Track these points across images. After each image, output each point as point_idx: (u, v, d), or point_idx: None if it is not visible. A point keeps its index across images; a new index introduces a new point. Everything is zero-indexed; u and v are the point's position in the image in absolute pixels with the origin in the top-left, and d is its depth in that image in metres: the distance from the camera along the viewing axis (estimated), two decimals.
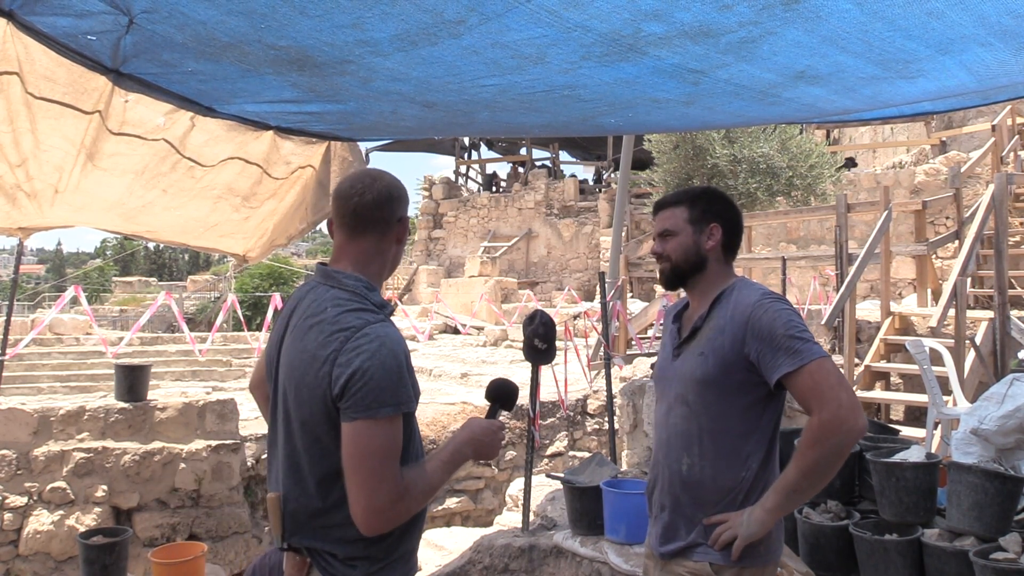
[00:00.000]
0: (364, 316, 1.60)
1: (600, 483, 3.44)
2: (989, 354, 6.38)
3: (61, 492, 5.88)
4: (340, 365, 1.54)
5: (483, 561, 3.80)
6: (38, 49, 2.33)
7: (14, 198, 3.05)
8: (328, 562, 1.63)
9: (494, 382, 1.90)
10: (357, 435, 1.53)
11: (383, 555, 1.64)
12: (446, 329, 16.08)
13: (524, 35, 2.26)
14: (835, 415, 1.71)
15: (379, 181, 1.73)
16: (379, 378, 1.53)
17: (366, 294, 1.65)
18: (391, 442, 1.55)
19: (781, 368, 1.77)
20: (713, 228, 1.99)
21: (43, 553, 5.83)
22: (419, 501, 1.60)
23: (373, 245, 1.72)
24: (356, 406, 1.52)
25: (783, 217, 11.39)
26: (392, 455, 1.55)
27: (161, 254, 56.62)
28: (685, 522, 1.91)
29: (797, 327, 1.79)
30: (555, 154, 25.73)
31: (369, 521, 1.54)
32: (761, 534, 1.80)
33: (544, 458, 7.96)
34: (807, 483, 1.77)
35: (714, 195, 2.07)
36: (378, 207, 1.70)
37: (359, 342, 1.55)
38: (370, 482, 1.52)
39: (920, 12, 2.16)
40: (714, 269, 2.00)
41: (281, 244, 4.41)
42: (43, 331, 15.17)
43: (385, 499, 1.53)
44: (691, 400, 1.91)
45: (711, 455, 1.88)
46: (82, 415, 6.07)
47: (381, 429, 1.53)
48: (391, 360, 1.55)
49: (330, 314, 1.61)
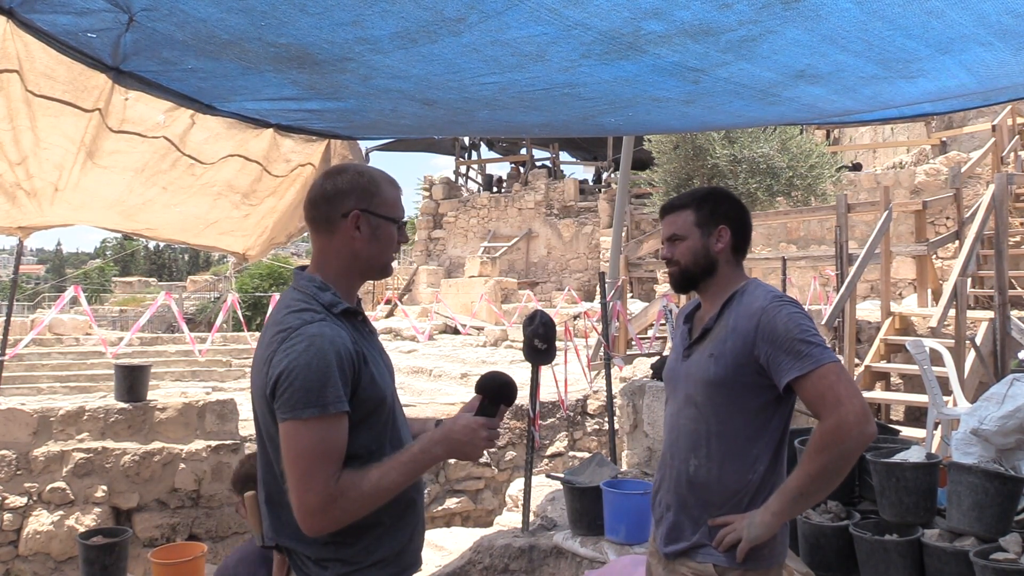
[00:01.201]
0: (303, 316, 1.57)
1: (600, 483, 3.44)
2: (989, 354, 6.38)
3: (61, 492, 5.88)
4: (274, 365, 1.53)
5: (483, 561, 3.79)
6: (38, 47, 2.33)
7: (14, 196, 3.06)
8: (303, 562, 1.62)
9: (485, 375, 1.74)
10: (287, 436, 1.52)
11: (357, 558, 1.61)
12: (446, 329, 16.08)
13: (524, 33, 2.26)
14: (843, 421, 1.69)
15: (329, 179, 1.70)
16: (304, 379, 1.50)
17: (315, 294, 1.63)
18: (320, 443, 1.50)
19: (790, 372, 1.76)
20: (722, 230, 1.98)
21: (43, 553, 5.83)
22: (359, 505, 1.54)
23: (323, 243, 1.70)
24: (284, 407, 1.51)
25: (783, 217, 11.38)
26: (322, 457, 1.50)
27: (161, 254, 56.64)
28: (690, 522, 1.91)
29: (808, 331, 1.78)
30: (555, 154, 25.74)
31: (304, 521, 1.52)
32: (765, 537, 1.80)
33: (544, 458, 7.96)
34: (813, 488, 1.76)
35: (720, 196, 2.05)
36: (315, 205, 1.68)
37: (291, 343, 1.53)
38: (301, 483, 1.50)
39: (920, 11, 2.15)
40: (724, 271, 1.98)
41: (281, 242, 4.42)
42: (43, 331, 15.17)
43: (315, 500, 1.50)
44: (700, 401, 1.91)
45: (718, 457, 1.87)
46: (82, 415, 6.07)
47: (308, 430, 1.50)
48: (317, 360, 1.51)
49: (279, 315, 1.61)
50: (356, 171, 1.72)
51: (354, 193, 1.67)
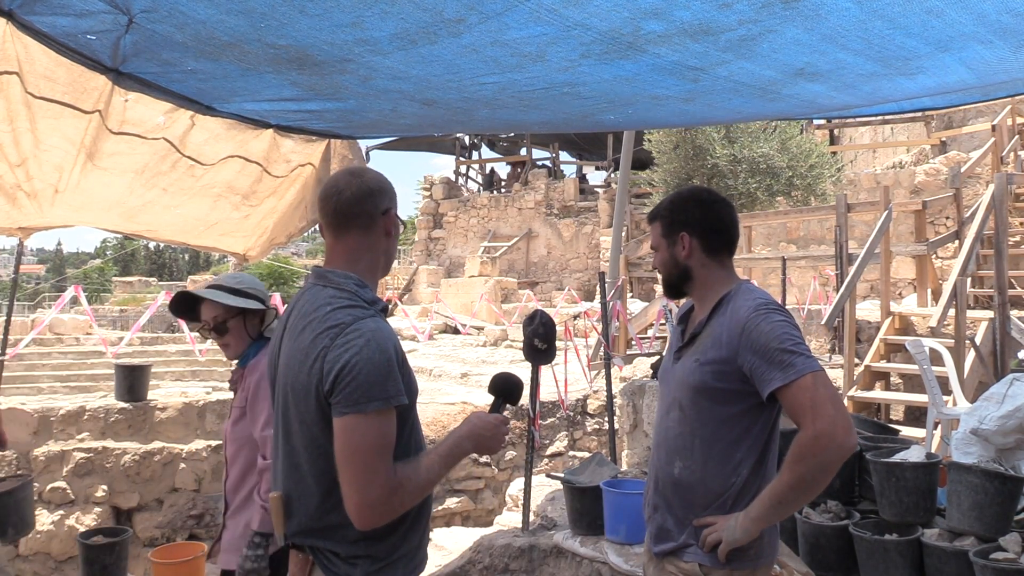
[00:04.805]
0: (354, 312, 1.61)
1: (600, 483, 3.43)
2: (989, 354, 6.38)
3: (61, 492, 5.89)
4: (330, 361, 1.55)
5: (483, 561, 3.79)
6: (38, 49, 2.33)
7: (14, 198, 3.06)
8: (330, 560, 1.64)
9: (498, 376, 1.91)
10: (347, 430, 1.53)
11: (385, 554, 1.65)
12: (446, 329, 16.07)
13: (524, 33, 2.26)
14: (822, 432, 1.69)
15: (358, 177, 1.74)
16: (367, 372, 1.53)
17: (357, 291, 1.67)
18: (382, 436, 1.55)
19: (773, 382, 1.76)
20: (682, 237, 1.97)
21: (43, 553, 5.84)
22: (414, 495, 1.60)
23: (359, 241, 1.73)
24: (345, 401, 1.53)
25: (783, 217, 11.38)
26: (383, 449, 1.55)
27: (161, 254, 56.64)
28: (677, 523, 1.92)
29: (791, 339, 1.77)
30: (555, 154, 25.74)
31: (363, 516, 1.55)
32: (745, 541, 1.80)
33: (544, 458, 7.96)
34: (793, 496, 1.76)
35: (681, 202, 2.01)
36: (358, 202, 1.71)
37: (348, 338, 1.56)
38: (362, 477, 1.53)
39: (919, 10, 2.16)
40: (703, 275, 1.97)
41: (281, 243, 4.42)
42: (43, 331, 15.17)
43: (377, 494, 1.53)
44: (685, 405, 1.92)
45: (702, 460, 1.88)
46: (82, 415, 6.07)
47: (371, 423, 1.53)
48: (379, 355, 1.56)
49: (322, 312, 1.63)
50: (375, 173, 1.78)
51: (386, 193, 1.75)
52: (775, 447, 1.93)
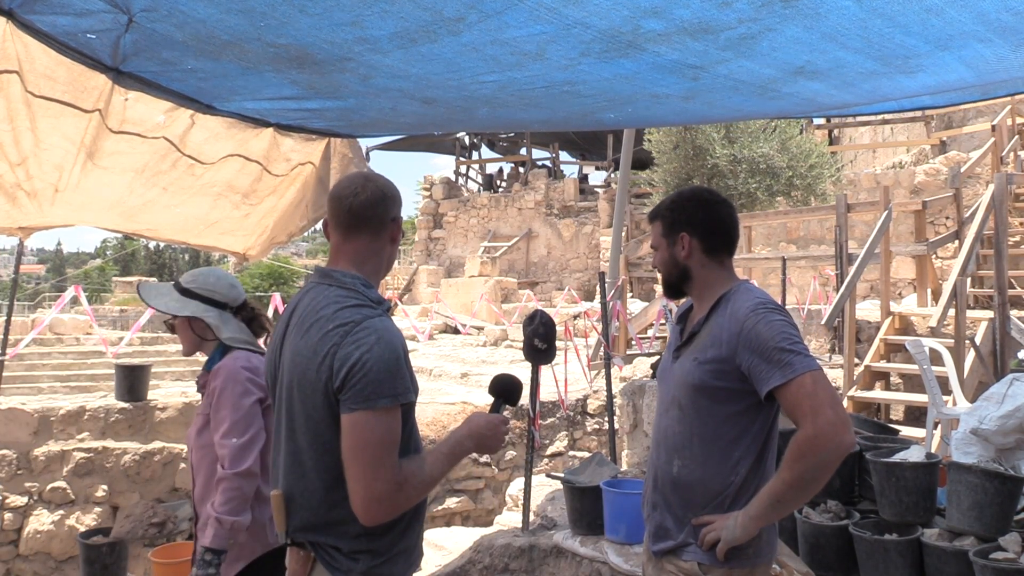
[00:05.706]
0: (362, 311, 1.64)
1: (600, 483, 3.43)
2: (989, 354, 6.38)
3: (61, 492, 5.89)
4: (340, 358, 1.58)
5: (483, 561, 3.79)
6: (38, 48, 2.33)
7: (14, 197, 3.06)
8: (332, 556, 1.66)
9: (498, 377, 1.93)
10: (356, 426, 1.56)
11: (386, 549, 1.67)
12: (446, 329, 16.07)
13: (523, 32, 2.26)
14: (820, 431, 1.69)
15: (372, 182, 1.79)
16: (377, 370, 1.56)
17: (363, 291, 1.70)
18: (389, 433, 1.58)
19: (771, 381, 1.76)
20: (682, 238, 1.97)
21: (43, 553, 5.84)
22: (418, 491, 1.63)
23: (368, 244, 1.76)
24: (355, 397, 1.56)
25: (783, 217, 11.38)
26: (390, 445, 1.58)
27: (161, 254, 56.65)
28: (675, 521, 1.92)
29: (789, 338, 1.77)
30: (555, 154, 25.74)
31: (369, 510, 1.57)
32: (743, 540, 1.81)
33: (544, 458, 7.96)
34: (791, 495, 1.77)
35: (680, 202, 2.02)
36: (372, 206, 1.75)
37: (358, 336, 1.59)
38: (369, 471, 1.55)
39: (919, 9, 2.16)
40: (703, 275, 1.98)
41: (281, 242, 4.42)
42: (43, 331, 15.17)
43: (384, 488, 1.55)
44: (684, 404, 1.92)
45: (700, 458, 1.89)
46: (82, 415, 6.08)
47: (379, 419, 1.56)
48: (388, 353, 1.59)
49: (329, 311, 1.65)
50: (386, 179, 1.83)
51: (397, 201, 1.81)
52: (774, 446, 1.93)
